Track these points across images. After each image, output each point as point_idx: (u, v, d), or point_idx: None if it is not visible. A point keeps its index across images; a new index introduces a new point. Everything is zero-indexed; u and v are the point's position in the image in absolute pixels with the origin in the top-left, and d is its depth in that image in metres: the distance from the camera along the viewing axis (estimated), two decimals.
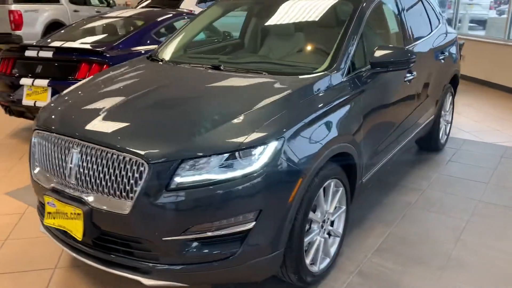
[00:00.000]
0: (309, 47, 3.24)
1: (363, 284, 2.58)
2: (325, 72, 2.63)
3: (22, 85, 4.61)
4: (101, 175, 2.08)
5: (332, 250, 2.67)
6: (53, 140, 2.30)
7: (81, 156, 2.15)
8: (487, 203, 3.54)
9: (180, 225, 2.00)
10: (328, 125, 2.40)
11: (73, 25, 5.97)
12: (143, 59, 3.30)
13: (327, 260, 2.63)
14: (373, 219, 3.28)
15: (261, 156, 2.05)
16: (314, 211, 2.43)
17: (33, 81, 4.54)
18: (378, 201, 3.56)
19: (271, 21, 3.46)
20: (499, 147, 4.81)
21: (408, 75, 3.33)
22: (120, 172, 2.04)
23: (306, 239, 2.36)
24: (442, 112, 4.46)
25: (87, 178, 2.12)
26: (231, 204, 2.01)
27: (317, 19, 3.17)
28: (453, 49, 4.55)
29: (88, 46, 4.81)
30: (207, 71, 2.85)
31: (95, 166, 2.10)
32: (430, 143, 4.46)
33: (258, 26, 3.64)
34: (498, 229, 3.16)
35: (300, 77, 2.61)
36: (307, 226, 2.42)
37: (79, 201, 2.13)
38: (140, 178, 1.99)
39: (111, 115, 2.31)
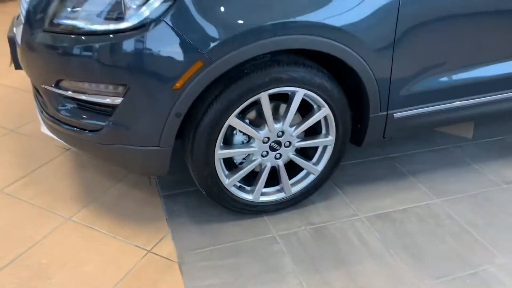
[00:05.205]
0: None
1: (311, 236, 1.86)
2: None
3: None
4: None
5: (298, 186, 1.98)
6: None
7: None
8: None
9: (52, 73, 1.71)
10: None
11: None
12: None
13: (281, 194, 1.97)
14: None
15: (144, 12, 1.51)
16: (253, 122, 1.78)
17: None
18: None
19: None
20: None
21: None
22: None
23: (223, 152, 1.77)
24: None
25: None
26: (99, 65, 1.59)
27: None
28: None
29: None
30: None
31: None
32: None
33: None
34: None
35: None
36: (246, 138, 1.83)
37: None
38: None
39: None
